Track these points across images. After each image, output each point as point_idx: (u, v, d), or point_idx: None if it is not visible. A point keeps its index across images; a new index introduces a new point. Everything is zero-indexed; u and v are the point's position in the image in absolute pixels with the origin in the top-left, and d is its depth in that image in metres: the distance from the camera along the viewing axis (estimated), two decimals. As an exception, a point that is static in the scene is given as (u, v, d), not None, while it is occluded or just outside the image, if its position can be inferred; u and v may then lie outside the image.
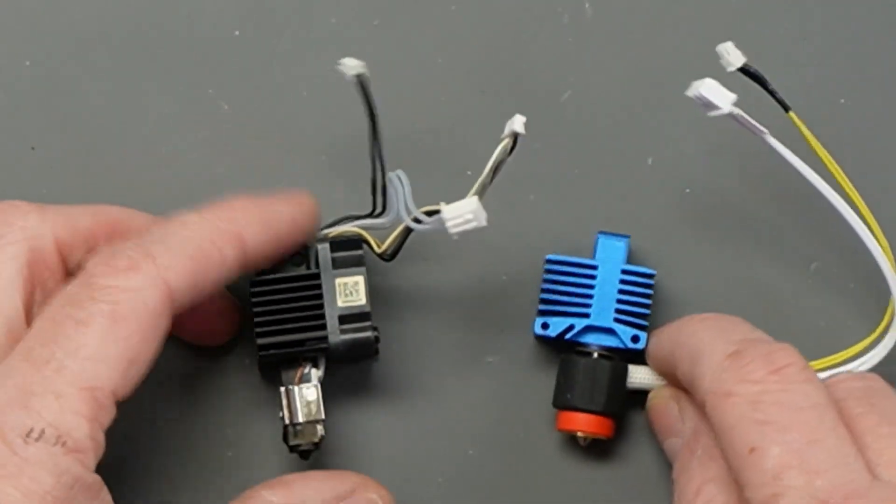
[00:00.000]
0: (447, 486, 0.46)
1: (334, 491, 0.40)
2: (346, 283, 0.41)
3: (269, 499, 0.39)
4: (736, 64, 0.42)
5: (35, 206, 0.41)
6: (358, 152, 0.47)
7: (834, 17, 0.49)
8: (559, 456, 0.46)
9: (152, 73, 0.48)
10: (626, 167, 0.48)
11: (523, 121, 0.40)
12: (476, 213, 0.40)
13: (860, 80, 0.48)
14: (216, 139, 0.48)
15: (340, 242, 0.42)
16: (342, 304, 0.41)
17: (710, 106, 0.41)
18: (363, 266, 0.42)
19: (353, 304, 0.41)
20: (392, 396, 0.46)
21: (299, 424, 0.41)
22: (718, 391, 0.37)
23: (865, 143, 0.48)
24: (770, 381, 0.36)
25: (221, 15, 0.48)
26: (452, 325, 0.47)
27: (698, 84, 0.41)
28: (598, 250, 0.45)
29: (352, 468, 0.44)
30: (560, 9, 0.48)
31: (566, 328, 0.44)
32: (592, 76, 0.48)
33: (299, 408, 0.41)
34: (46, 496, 0.34)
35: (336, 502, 0.40)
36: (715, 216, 0.47)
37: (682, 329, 0.42)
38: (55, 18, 0.48)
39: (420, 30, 0.48)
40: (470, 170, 0.47)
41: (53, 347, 0.36)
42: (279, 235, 0.41)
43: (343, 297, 0.42)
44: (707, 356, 0.38)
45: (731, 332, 0.39)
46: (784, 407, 0.36)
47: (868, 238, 0.43)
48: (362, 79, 0.40)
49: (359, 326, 0.41)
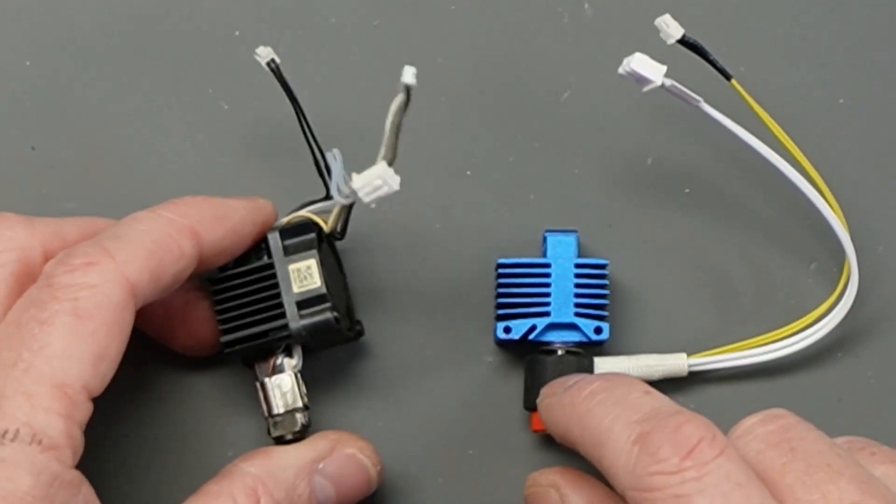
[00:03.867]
0: (446, 487, 0.46)
1: (313, 452, 0.41)
2: (300, 269, 0.41)
3: (248, 469, 0.39)
4: (675, 35, 0.42)
5: (24, 218, 0.41)
6: (358, 152, 0.47)
7: (833, 18, 0.49)
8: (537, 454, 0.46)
9: (152, 74, 0.48)
10: (625, 167, 0.48)
11: (413, 71, 0.39)
12: (385, 177, 0.39)
13: (859, 80, 0.48)
14: (216, 139, 0.48)
15: (290, 229, 0.42)
16: (298, 290, 0.41)
17: (644, 80, 0.42)
18: (314, 249, 0.41)
19: (309, 289, 0.41)
20: (392, 396, 0.46)
21: (279, 415, 0.42)
22: (638, 487, 0.34)
23: (865, 143, 0.48)
24: (687, 469, 0.34)
25: (221, 15, 0.48)
26: (453, 325, 0.47)
27: (628, 60, 0.42)
28: (549, 248, 0.45)
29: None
30: (560, 9, 0.48)
31: (528, 329, 0.44)
32: (592, 76, 0.48)
33: (276, 398, 0.42)
34: (26, 496, 0.34)
35: (316, 463, 0.40)
36: (715, 216, 0.47)
37: (574, 408, 0.38)
38: (55, 18, 0.48)
39: (420, 30, 0.48)
40: (470, 170, 0.47)
41: (20, 349, 0.36)
42: (234, 228, 0.41)
43: (298, 283, 0.41)
44: (611, 444, 0.36)
45: (628, 406, 0.37)
46: (709, 495, 0.34)
47: (818, 199, 0.44)
48: (273, 66, 0.42)
49: (317, 310, 0.41)
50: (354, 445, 0.41)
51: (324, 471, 0.41)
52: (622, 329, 0.46)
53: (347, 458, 0.41)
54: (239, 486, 0.39)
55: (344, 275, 0.45)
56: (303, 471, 0.40)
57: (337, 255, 0.44)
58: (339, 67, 0.48)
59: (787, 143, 0.44)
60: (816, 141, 0.45)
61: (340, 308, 0.42)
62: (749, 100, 0.43)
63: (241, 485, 0.39)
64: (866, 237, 0.46)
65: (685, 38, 0.42)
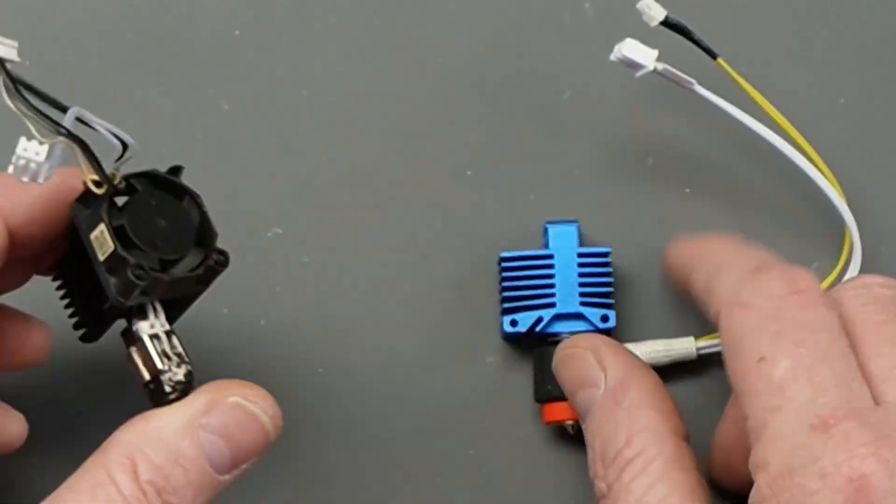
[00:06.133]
0: (446, 488, 0.46)
1: (192, 407, 0.37)
2: (97, 236, 0.40)
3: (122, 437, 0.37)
4: (658, 17, 0.42)
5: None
6: (357, 152, 0.47)
7: (833, 18, 0.49)
8: (549, 448, 0.46)
9: (152, 73, 0.48)
10: (626, 167, 0.47)
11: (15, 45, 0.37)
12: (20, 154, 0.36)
13: (860, 80, 0.48)
14: (216, 139, 0.48)
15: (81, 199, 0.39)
16: (102, 258, 0.38)
17: (636, 66, 0.42)
18: (100, 211, 0.38)
19: (108, 253, 0.40)
20: (395, 396, 0.46)
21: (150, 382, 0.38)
22: (736, 301, 0.37)
23: (865, 144, 0.48)
24: (789, 299, 0.36)
25: (221, 15, 0.48)
26: (454, 325, 0.47)
27: (619, 46, 0.42)
28: (550, 238, 0.45)
29: (349, 467, 0.44)
30: (560, 9, 0.48)
31: (535, 321, 0.44)
32: (592, 76, 0.48)
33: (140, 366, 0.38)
34: None
35: (197, 418, 0.37)
36: (715, 217, 0.47)
37: (706, 244, 0.42)
38: (55, 18, 0.48)
39: (420, 30, 0.48)
40: (470, 170, 0.47)
41: None
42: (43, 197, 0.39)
43: (101, 251, 0.40)
44: (727, 270, 0.38)
45: (754, 251, 0.39)
46: (800, 325, 0.36)
47: (815, 175, 0.44)
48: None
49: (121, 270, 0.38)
50: (237, 392, 0.37)
51: (208, 425, 0.37)
52: (628, 316, 0.46)
53: (231, 406, 0.37)
54: (112, 455, 0.36)
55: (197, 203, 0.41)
56: (183, 428, 0.37)
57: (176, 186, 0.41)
58: (339, 67, 0.48)
59: (780, 121, 0.44)
60: (816, 141, 0.45)
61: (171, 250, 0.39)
62: (737, 77, 0.43)
63: (114, 454, 0.36)
64: (866, 236, 0.46)
65: (668, 20, 0.43)
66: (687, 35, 0.43)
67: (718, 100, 0.43)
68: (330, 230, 0.47)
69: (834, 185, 0.44)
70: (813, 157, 0.44)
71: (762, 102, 0.44)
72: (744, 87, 0.44)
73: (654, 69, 0.42)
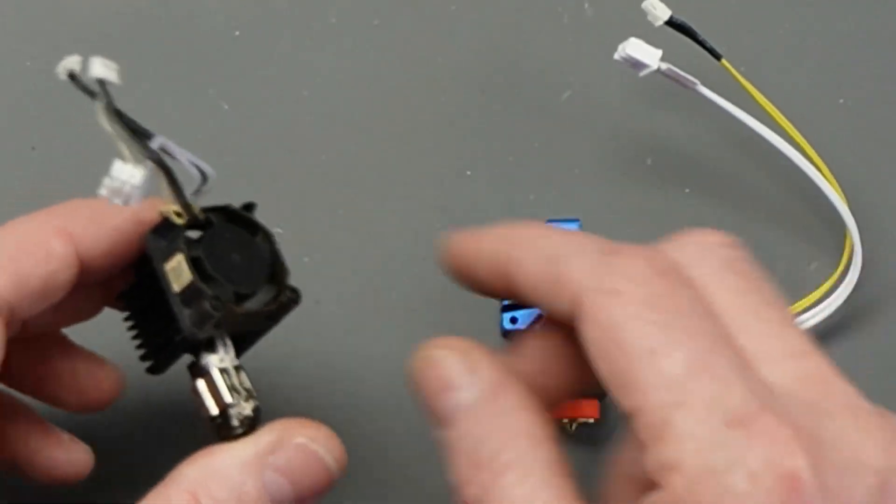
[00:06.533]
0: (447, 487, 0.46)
1: (258, 446, 0.37)
2: (173, 267, 0.40)
3: (186, 472, 0.37)
4: (663, 17, 0.43)
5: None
6: (359, 152, 0.47)
7: (833, 19, 0.49)
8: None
9: (153, 74, 0.48)
10: (626, 167, 0.48)
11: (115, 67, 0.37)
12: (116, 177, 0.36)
13: (860, 80, 0.48)
14: (216, 139, 0.48)
15: (156, 230, 0.39)
16: (177, 290, 0.38)
17: (639, 65, 0.42)
18: (177, 242, 0.38)
19: (185, 284, 0.39)
20: (396, 395, 0.46)
21: (216, 417, 0.38)
22: (600, 288, 0.33)
23: (865, 143, 0.48)
24: (658, 283, 0.33)
25: (221, 15, 0.48)
26: (455, 325, 0.47)
27: (623, 45, 0.42)
28: None
29: (349, 467, 0.44)
30: (560, 9, 0.48)
31: (534, 318, 0.44)
32: (592, 76, 0.48)
33: (208, 400, 0.38)
34: None
35: (263, 457, 0.37)
36: (715, 217, 0.47)
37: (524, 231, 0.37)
38: (55, 18, 0.48)
39: (420, 30, 0.48)
40: (470, 170, 0.47)
41: None
42: (115, 227, 0.39)
43: (176, 282, 0.40)
44: (575, 255, 0.34)
45: (591, 236, 0.35)
46: (679, 312, 0.33)
47: (816, 175, 0.44)
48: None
49: (197, 302, 0.38)
50: (304, 434, 0.38)
51: (273, 464, 0.37)
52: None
53: (297, 448, 0.37)
54: (175, 490, 0.36)
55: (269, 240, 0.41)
56: (248, 465, 0.37)
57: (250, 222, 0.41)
58: (339, 67, 0.48)
59: (782, 122, 0.44)
60: (816, 141, 0.45)
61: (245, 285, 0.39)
62: (740, 78, 0.44)
63: (177, 489, 0.36)
64: (866, 236, 0.46)
65: (673, 20, 0.43)
66: (691, 35, 0.43)
67: (721, 100, 0.43)
68: (330, 230, 0.47)
69: (834, 186, 0.44)
70: (813, 157, 0.44)
71: (764, 103, 0.44)
72: (747, 88, 0.44)
73: (658, 69, 0.42)
